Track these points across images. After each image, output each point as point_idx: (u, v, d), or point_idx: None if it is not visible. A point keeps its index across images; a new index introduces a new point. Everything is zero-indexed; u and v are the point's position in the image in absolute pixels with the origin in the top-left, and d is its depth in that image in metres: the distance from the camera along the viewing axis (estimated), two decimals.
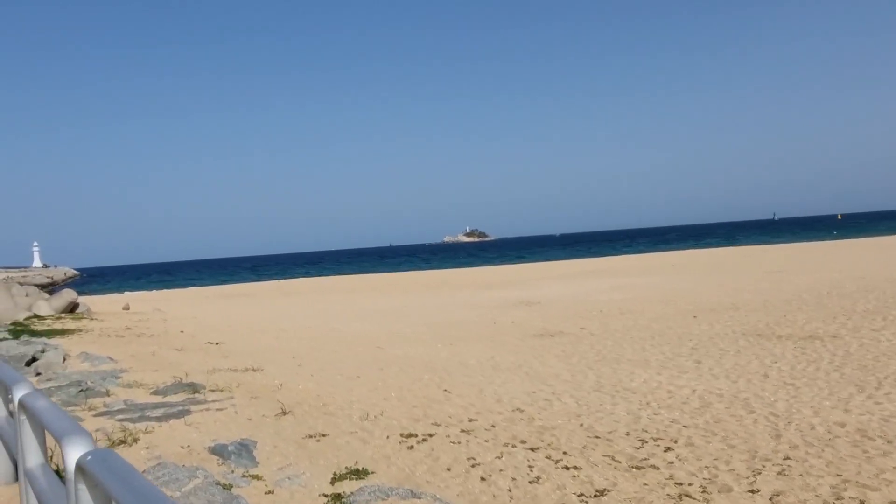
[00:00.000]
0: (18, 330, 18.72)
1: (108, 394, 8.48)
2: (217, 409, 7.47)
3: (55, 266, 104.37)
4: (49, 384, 9.43)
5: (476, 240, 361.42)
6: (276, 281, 57.15)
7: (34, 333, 17.70)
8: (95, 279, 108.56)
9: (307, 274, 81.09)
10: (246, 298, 37.83)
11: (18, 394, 3.13)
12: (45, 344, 14.74)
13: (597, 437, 6.61)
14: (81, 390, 8.48)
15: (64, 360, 12.16)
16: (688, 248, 76.44)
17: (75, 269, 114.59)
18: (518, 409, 8.07)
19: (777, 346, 12.44)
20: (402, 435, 6.56)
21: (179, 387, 8.75)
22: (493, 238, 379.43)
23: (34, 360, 12.27)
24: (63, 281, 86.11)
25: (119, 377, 10.19)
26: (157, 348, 14.63)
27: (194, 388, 8.64)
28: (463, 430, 6.89)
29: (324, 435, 6.37)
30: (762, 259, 39.71)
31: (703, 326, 15.54)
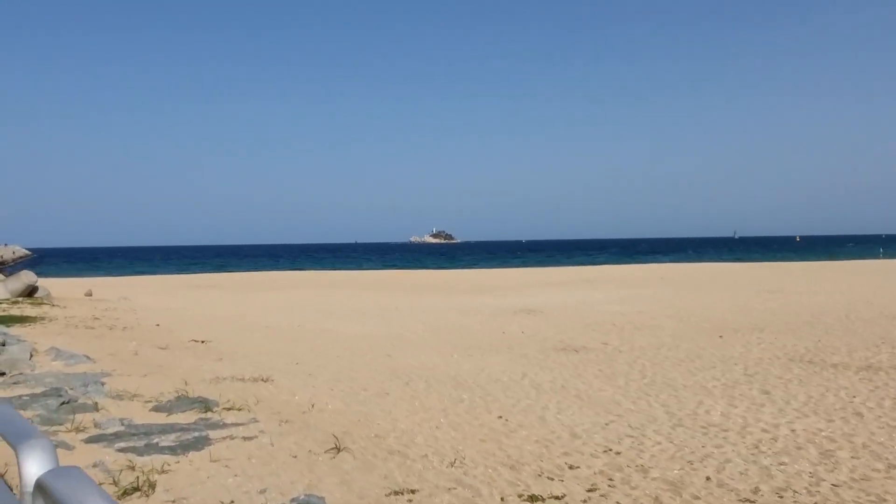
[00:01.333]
0: None
1: (96, 407, 6.80)
2: (244, 438, 5.89)
3: (5, 244, 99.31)
4: (17, 390, 7.68)
5: (443, 241, 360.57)
6: (247, 273, 54.78)
7: None
8: (49, 260, 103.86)
9: (274, 267, 78.62)
10: (216, 290, 35.71)
11: None
12: (5, 335, 12.85)
13: (748, 501, 5.24)
14: (64, 402, 6.78)
15: (31, 356, 10.34)
16: (659, 261, 76.38)
17: (27, 249, 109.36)
18: (609, 449, 6.67)
19: (838, 376, 11.31)
20: (521, 497, 4.99)
21: (186, 402, 7.12)
22: (459, 240, 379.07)
23: None
24: (13, 261, 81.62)
25: (103, 383, 8.48)
26: (136, 345, 12.83)
27: (206, 404, 7.02)
28: (590, 489, 5.35)
29: (413, 491, 4.86)
30: (750, 276, 39.21)
31: (737, 348, 14.39)
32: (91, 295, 28.10)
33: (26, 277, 22.22)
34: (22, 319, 16.39)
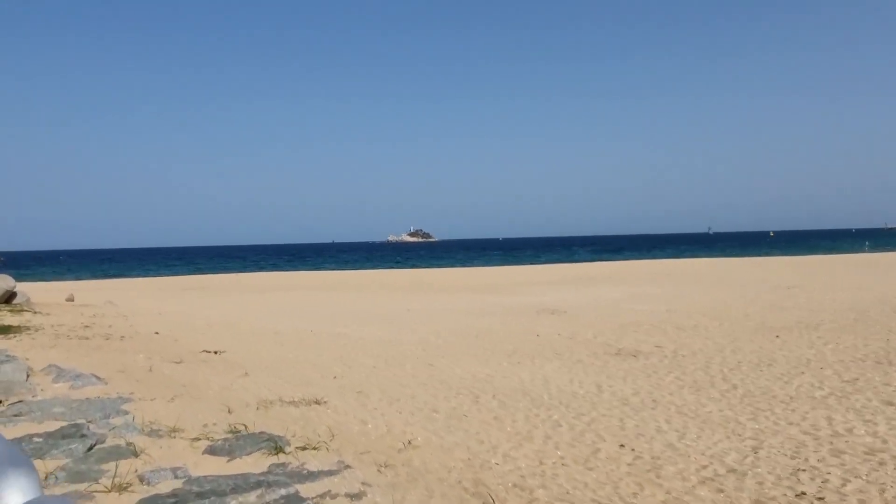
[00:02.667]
0: None
1: (135, 451, 5.23)
2: (350, 497, 4.38)
3: None
4: (24, 426, 6.06)
5: (420, 240, 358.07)
6: (233, 274, 52.61)
7: None
8: (16, 263, 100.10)
9: (255, 268, 76.32)
10: (205, 293, 33.78)
11: None
12: None
13: None
14: (92, 445, 5.19)
15: (27, 376, 8.66)
16: (646, 257, 75.59)
17: None
18: (800, 491, 5.28)
19: None
20: None
21: (247, 440, 5.56)
22: (437, 239, 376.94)
23: None
24: None
25: (124, 411, 6.88)
26: (143, 358, 11.16)
27: (274, 442, 5.47)
28: None
29: None
30: (756, 272, 38.34)
31: (804, 349, 13.15)
32: (73, 300, 26.07)
33: (3, 282, 20.25)
34: (4, 330, 14.54)
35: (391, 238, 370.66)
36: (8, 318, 17.21)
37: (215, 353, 12.82)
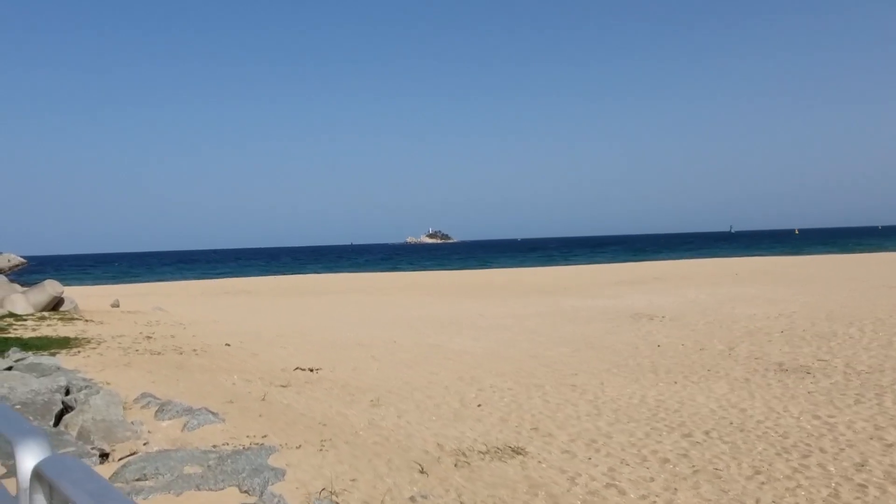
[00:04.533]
0: None
1: None
2: None
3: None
4: (157, 497, 4.20)
5: (439, 241, 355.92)
6: (272, 277, 50.95)
7: (24, 345, 12.10)
8: (44, 268, 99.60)
9: (285, 270, 74.78)
10: (250, 297, 32.06)
11: None
12: (60, 369, 9.35)
13: None
14: None
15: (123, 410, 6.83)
16: (679, 257, 72.70)
17: (21, 257, 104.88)
18: None
19: None
20: None
21: None
22: (455, 240, 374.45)
23: (65, 410, 6.93)
24: (10, 269, 77.59)
25: (278, 470, 5.01)
26: (237, 379, 9.34)
27: None
28: None
29: None
30: (840, 269, 35.90)
31: None
32: (118, 306, 24.47)
33: (51, 288, 18.61)
34: (63, 343, 12.82)
35: (410, 239, 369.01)
36: (61, 328, 15.52)
37: (311, 370, 10.97)
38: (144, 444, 5.66)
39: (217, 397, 7.76)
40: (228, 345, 14.24)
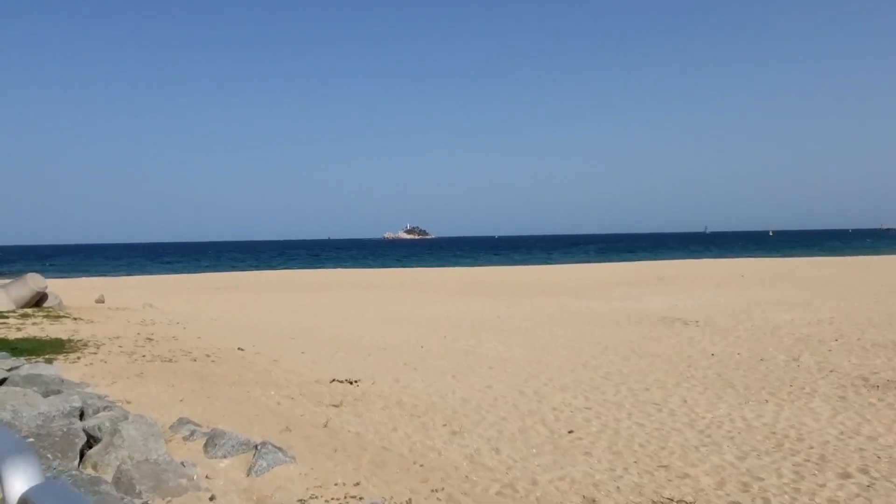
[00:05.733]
0: None
1: None
2: None
3: None
4: None
5: (417, 237, 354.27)
6: (258, 272, 49.05)
7: (13, 348, 10.55)
8: (10, 259, 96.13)
9: (268, 265, 72.80)
10: (241, 293, 30.41)
11: None
12: (64, 382, 7.95)
13: None
14: None
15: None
16: (657, 258, 72.04)
17: None
18: None
19: None
20: None
21: None
22: (433, 236, 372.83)
23: (91, 442, 5.54)
24: None
25: None
26: (284, 399, 7.97)
27: None
28: None
29: None
30: (839, 272, 35.35)
31: None
32: (104, 302, 22.77)
33: (33, 282, 16.90)
34: (57, 346, 11.27)
35: (388, 235, 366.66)
36: (50, 328, 13.91)
37: (351, 383, 9.63)
38: (211, 500, 4.30)
39: (268, 423, 6.41)
40: (241, 349, 12.81)
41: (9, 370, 8.75)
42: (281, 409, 7.25)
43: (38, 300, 17.37)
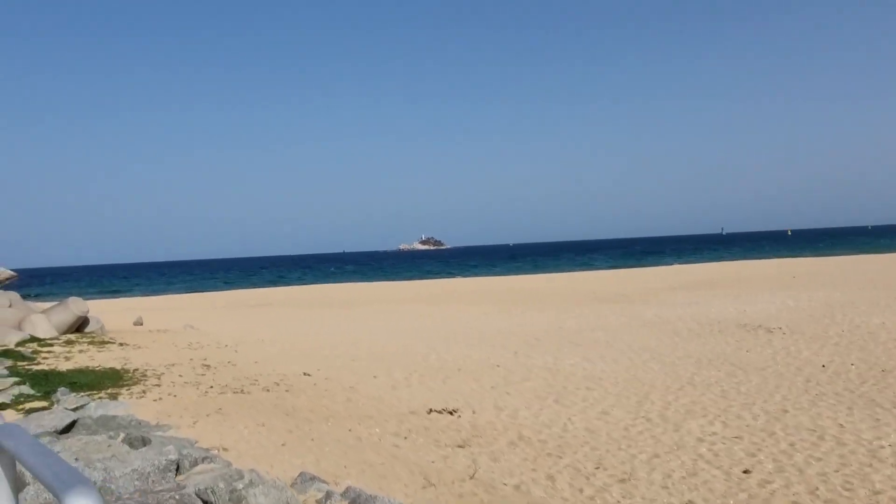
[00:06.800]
0: (26, 371, 10.44)
1: None
2: None
3: None
4: None
5: (432, 248, 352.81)
6: (289, 287, 48.21)
7: (70, 382, 9.57)
8: (36, 281, 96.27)
9: (286, 280, 72.06)
10: (278, 309, 29.47)
11: None
12: (141, 424, 6.97)
13: None
14: None
15: None
16: (684, 262, 70.32)
17: (11, 270, 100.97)
18: None
19: None
20: None
21: None
22: (449, 246, 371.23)
23: None
24: (1, 283, 74.09)
25: None
26: (396, 438, 6.90)
27: None
28: None
29: None
30: (889, 271, 33.80)
31: None
32: (142, 324, 21.89)
33: (75, 306, 16.01)
34: (113, 377, 10.28)
35: (403, 247, 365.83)
36: (98, 356, 12.96)
37: (451, 413, 8.56)
38: None
39: (401, 474, 5.34)
40: (308, 374, 11.79)
41: (74, 409, 7.77)
42: (402, 452, 6.19)
43: (80, 325, 16.48)
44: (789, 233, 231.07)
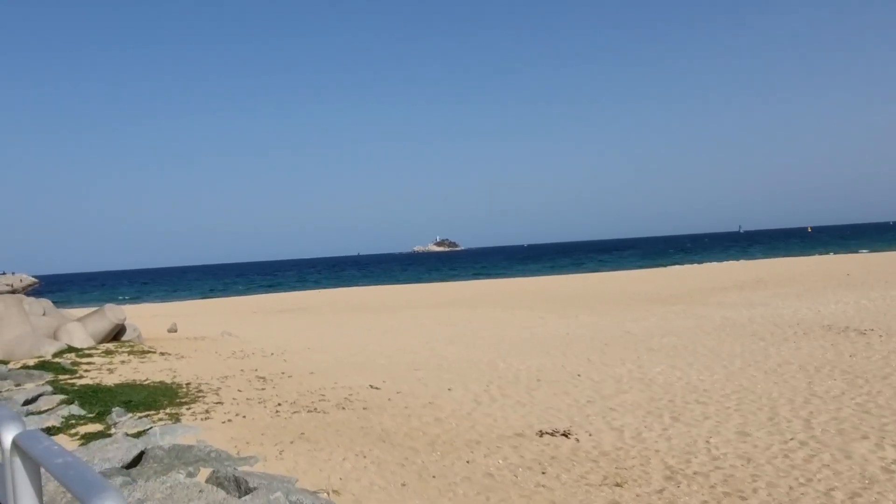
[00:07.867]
0: (71, 387, 9.36)
1: None
2: None
3: (12, 272, 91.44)
4: None
5: (447, 249, 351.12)
6: (317, 291, 47.18)
7: (125, 401, 8.48)
8: (57, 287, 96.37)
9: (312, 283, 71.28)
10: (308, 314, 28.42)
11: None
12: (219, 455, 5.86)
13: None
14: None
15: None
16: (712, 260, 68.38)
17: (32, 276, 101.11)
18: None
19: None
20: None
21: None
22: (463, 248, 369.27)
23: None
24: (24, 290, 73.94)
25: None
26: (516, 467, 5.74)
27: None
28: None
29: None
30: None
31: None
32: (176, 331, 20.91)
33: (112, 314, 15.02)
34: (167, 394, 9.20)
35: (417, 248, 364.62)
36: (142, 367, 11.90)
37: (566, 436, 7.37)
38: None
39: None
40: (377, 388, 10.65)
41: (136, 435, 6.67)
42: (556, 496, 5.01)
43: (117, 333, 15.48)
44: (810, 230, 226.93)
